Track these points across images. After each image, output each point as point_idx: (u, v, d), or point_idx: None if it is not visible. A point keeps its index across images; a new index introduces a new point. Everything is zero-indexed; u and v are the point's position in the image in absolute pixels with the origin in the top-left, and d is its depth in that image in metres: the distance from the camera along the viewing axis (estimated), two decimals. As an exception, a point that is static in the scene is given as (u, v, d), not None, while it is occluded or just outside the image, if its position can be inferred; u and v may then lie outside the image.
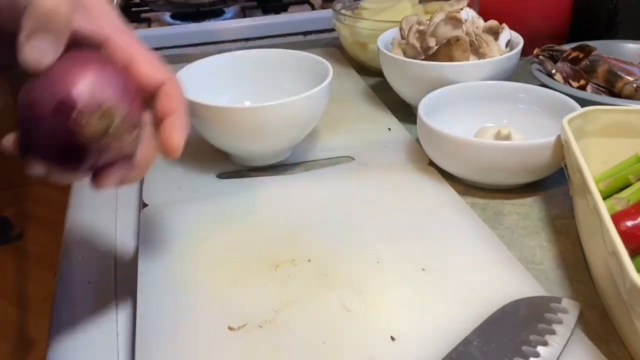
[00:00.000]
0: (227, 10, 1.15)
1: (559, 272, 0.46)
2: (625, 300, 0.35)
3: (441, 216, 0.52)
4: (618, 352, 0.39)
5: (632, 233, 0.41)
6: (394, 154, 0.62)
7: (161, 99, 0.39)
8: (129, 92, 0.36)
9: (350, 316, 0.41)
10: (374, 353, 0.38)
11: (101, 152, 0.35)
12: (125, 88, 0.35)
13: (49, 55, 0.33)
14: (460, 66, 0.64)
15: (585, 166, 0.43)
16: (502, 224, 0.52)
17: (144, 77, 0.38)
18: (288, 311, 0.42)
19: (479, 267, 0.45)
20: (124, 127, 0.35)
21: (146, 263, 0.48)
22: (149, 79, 0.38)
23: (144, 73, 0.38)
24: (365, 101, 0.75)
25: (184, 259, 0.48)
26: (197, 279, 0.46)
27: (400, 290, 0.43)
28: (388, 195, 0.55)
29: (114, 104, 0.34)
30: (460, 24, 0.67)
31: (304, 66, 0.65)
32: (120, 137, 0.35)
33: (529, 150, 0.52)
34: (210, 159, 0.63)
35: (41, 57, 0.33)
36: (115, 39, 0.37)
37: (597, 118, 0.52)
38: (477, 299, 0.42)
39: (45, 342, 0.46)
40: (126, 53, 0.37)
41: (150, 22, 1.11)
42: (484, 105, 0.63)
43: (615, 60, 0.67)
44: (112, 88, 0.34)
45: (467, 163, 0.54)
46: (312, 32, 1.06)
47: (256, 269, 0.46)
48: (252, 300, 0.43)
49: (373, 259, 0.47)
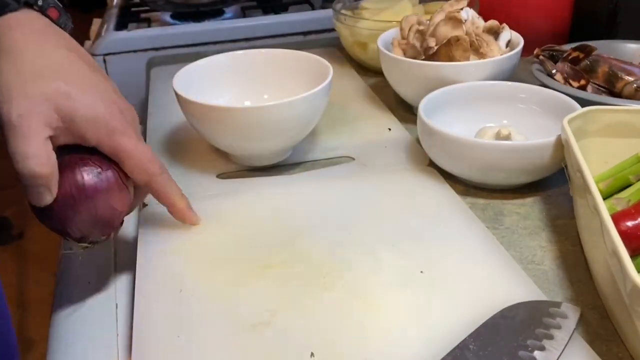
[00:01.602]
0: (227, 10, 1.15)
1: (559, 273, 0.46)
2: (626, 301, 0.35)
3: (441, 217, 0.52)
4: (618, 352, 0.39)
5: (633, 233, 0.41)
6: (394, 154, 0.62)
7: (154, 193, 0.48)
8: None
9: (348, 318, 0.41)
10: (371, 355, 0.38)
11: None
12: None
13: (46, 198, 0.42)
14: (461, 66, 0.64)
15: (585, 166, 0.43)
16: (502, 224, 0.52)
17: (134, 176, 0.45)
18: (286, 312, 0.42)
19: (477, 269, 0.45)
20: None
21: (145, 263, 0.48)
22: (137, 179, 0.46)
23: (134, 174, 0.45)
24: (365, 101, 0.75)
25: (183, 259, 0.48)
26: (196, 279, 0.46)
27: (398, 293, 0.43)
28: (388, 196, 0.55)
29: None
30: (461, 24, 0.67)
31: (304, 66, 0.65)
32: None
33: (529, 150, 0.52)
34: (210, 159, 0.63)
35: (41, 200, 0.42)
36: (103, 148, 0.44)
37: (597, 118, 0.52)
38: (475, 302, 0.42)
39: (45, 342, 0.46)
40: (116, 157, 0.44)
41: (150, 22, 1.11)
42: (484, 105, 0.63)
43: (615, 61, 0.67)
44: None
45: (467, 163, 0.54)
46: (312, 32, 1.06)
47: (255, 269, 0.46)
48: (251, 301, 0.43)
49: (372, 260, 0.47)
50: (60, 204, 0.42)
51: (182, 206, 0.49)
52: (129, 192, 0.46)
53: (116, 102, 0.45)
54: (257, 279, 0.45)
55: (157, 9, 1.14)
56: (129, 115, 0.46)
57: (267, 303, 0.43)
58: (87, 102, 0.42)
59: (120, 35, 1.03)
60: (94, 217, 0.43)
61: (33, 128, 0.40)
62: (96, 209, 0.43)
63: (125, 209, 0.46)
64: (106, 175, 0.44)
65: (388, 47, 0.72)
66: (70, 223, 0.43)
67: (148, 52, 0.99)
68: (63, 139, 0.42)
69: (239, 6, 1.16)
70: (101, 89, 0.44)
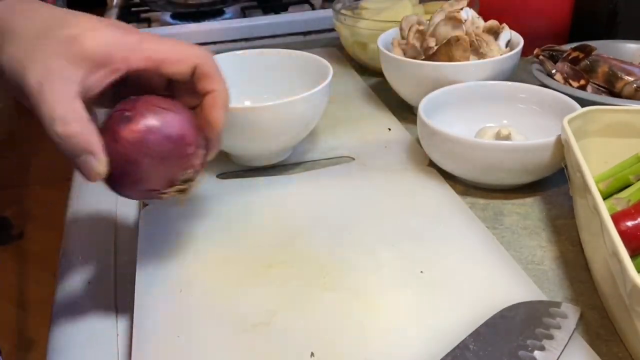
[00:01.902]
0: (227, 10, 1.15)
1: (559, 272, 0.46)
2: (626, 301, 0.35)
3: (441, 217, 0.52)
4: (618, 352, 0.39)
5: (633, 233, 0.41)
6: (394, 154, 0.62)
7: (197, 81, 0.43)
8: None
9: (348, 318, 0.41)
10: (371, 355, 0.38)
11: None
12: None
13: (94, 165, 0.39)
14: (460, 66, 0.64)
15: (585, 166, 0.43)
16: (502, 224, 0.52)
17: (174, 69, 0.42)
18: (286, 312, 0.42)
19: (477, 269, 0.45)
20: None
21: (145, 263, 0.48)
22: (179, 68, 0.42)
23: (172, 68, 0.42)
24: (365, 101, 0.75)
25: (183, 259, 0.48)
26: (196, 279, 0.46)
27: (398, 293, 0.43)
28: (388, 196, 0.55)
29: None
30: (460, 24, 0.67)
31: (304, 66, 0.65)
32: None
33: (529, 150, 0.52)
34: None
35: (91, 170, 0.39)
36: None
37: (597, 118, 0.52)
38: (475, 302, 0.42)
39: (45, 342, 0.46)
40: (154, 65, 0.42)
41: (150, 22, 1.11)
42: (484, 105, 0.63)
43: (615, 61, 0.67)
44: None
45: (467, 163, 0.54)
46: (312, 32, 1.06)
47: (255, 269, 0.46)
48: (251, 301, 0.43)
49: (371, 260, 0.47)
50: (120, 158, 0.40)
51: (227, 92, 0.45)
52: (186, 116, 0.42)
53: (121, 27, 0.42)
54: (257, 278, 0.45)
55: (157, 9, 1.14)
56: (134, 32, 0.43)
57: (267, 303, 0.43)
58: (95, 35, 0.40)
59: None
60: (163, 153, 0.41)
61: (56, 90, 0.38)
62: (161, 142, 0.40)
63: (194, 137, 0.42)
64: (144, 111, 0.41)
65: (388, 47, 0.72)
66: (142, 175, 0.41)
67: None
68: (99, 82, 0.40)
69: (239, 6, 1.16)
70: (102, 21, 0.42)
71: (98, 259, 0.52)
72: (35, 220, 2.19)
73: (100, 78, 0.40)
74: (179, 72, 0.42)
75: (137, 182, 0.41)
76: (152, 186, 0.42)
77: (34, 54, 0.39)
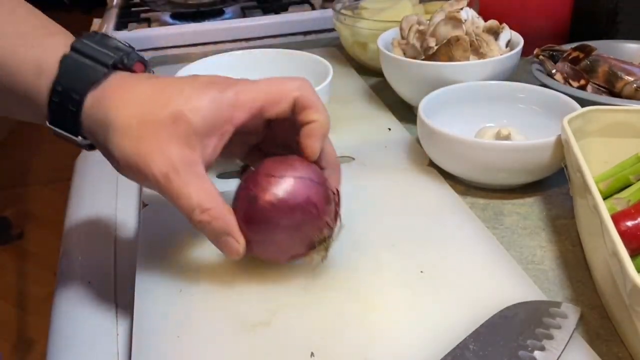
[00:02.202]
0: (227, 10, 1.15)
1: (559, 273, 0.46)
2: (626, 301, 0.35)
3: (441, 217, 0.52)
4: (618, 352, 0.39)
5: (633, 233, 0.41)
6: (394, 154, 0.62)
7: (297, 114, 0.43)
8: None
9: (348, 318, 0.41)
10: (371, 355, 0.38)
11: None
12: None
13: (233, 244, 0.41)
14: (460, 66, 0.64)
15: (585, 166, 0.43)
16: (502, 224, 0.52)
17: (275, 111, 0.42)
18: (285, 312, 0.42)
19: (477, 269, 0.45)
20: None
21: (145, 263, 0.48)
22: (280, 109, 0.42)
23: (273, 111, 0.42)
24: (365, 101, 0.75)
25: (183, 259, 0.48)
26: (196, 279, 0.46)
27: (398, 293, 0.43)
28: (388, 196, 0.55)
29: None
30: (460, 24, 0.67)
31: (304, 66, 0.65)
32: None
33: (529, 150, 0.52)
34: (210, 159, 0.63)
35: (231, 248, 0.41)
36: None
37: (597, 118, 0.52)
38: (475, 302, 0.42)
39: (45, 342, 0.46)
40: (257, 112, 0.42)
41: (150, 22, 1.11)
42: (484, 105, 0.63)
43: (615, 60, 0.67)
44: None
45: (467, 163, 0.54)
46: (312, 32, 1.06)
47: (254, 269, 0.46)
48: (251, 301, 0.43)
49: (371, 260, 0.47)
50: (255, 237, 0.42)
51: (327, 122, 0.44)
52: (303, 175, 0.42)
53: (214, 83, 0.42)
54: (257, 278, 0.45)
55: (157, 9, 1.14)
56: (230, 83, 0.43)
57: (267, 303, 0.43)
58: (196, 107, 0.40)
59: (120, 35, 1.03)
60: (294, 224, 0.41)
61: (184, 179, 0.39)
62: (291, 214, 0.41)
63: (320, 196, 0.42)
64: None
65: (388, 47, 0.72)
66: (280, 248, 0.43)
67: (148, 52, 0.99)
68: (215, 151, 0.41)
69: (239, 6, 1.16)
70: (194, 83, 0.42)
71: (98, 259, 0.52)
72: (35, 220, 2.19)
73: (214, 147, 0.41)
74: (280, 112, 0.42)
75: (277, 254, 0.43)
76: (292, 253, 0.43)
77: (146, 142, 0.39)
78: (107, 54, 0.42)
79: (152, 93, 0.41)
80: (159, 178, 0.39)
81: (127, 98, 0.41)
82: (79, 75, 0.41)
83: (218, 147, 0.41)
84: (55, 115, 0.41)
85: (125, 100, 0.41)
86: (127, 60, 0.43)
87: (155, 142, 0.39)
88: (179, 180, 0.39)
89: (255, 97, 0.42)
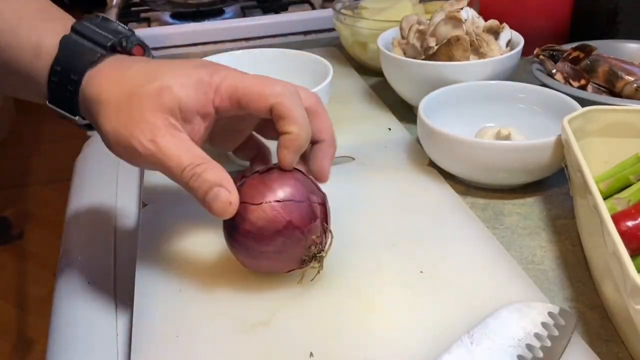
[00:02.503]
0: (227, 9, 1.15)
1: (559, 273, 0.46)
2: (626, 300, 0.35)
3: (441, 217, 0.52)
4: (618, 353, 0.39)
5: (633, 233, 0.41)
6: (394, 154, 0.62)
7: (275, 121, 0.42)
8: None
9: (347, 318, 0.41)
10: (371, 355, 0.38)
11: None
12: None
13: (230, 197, 0.40)
14: (461, 66, 0.64)
15: (585, 166, 0.43)
16: (503, 224, 0.52)
17: (253, 107, 0.42)
18: (285, 312, 0.42)
19: (477, 269, 0.45)
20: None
21: (145, 263, 0.47)
22: (257, 106, 0.42)
23: (251, 106, 0.42)
24: (365, 101, 0.75)
25: (183, 259, 0.48)
26: (196, 279, 0.46)
27: (398, 293, 0.43)
28: (388, 196, 0.55)
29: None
30: (461, 24, 0.67)
31: (304, 66, 0.65)
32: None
33: (529, 150, 0.52)
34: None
35: (225, 203, 0.40)
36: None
37: (597, 118, 0.52)
38: (475, 302, 0.42)
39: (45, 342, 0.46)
40: (236, 99, 0.42)
41: (150, 22, 1.11)
42: (484, 105, 0.63)
43: (615, 60, 0.67)
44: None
45: (468, 163, 0.54)
46: (312, 31, 1.06)
47: (256, 269, 0.46)
48: (250, 301, 0.43)
49: (371, 260, 0.47)
50: (245, 255, 0.42)
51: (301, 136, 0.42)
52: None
53: (203, 65, 0.43)
54: (257, 278, 0.45)
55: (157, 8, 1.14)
56: (219, 67, 0.43)
57: (267, 303, 0.43)
58: (183, 82, 0.41)
59: (120, 35, 1.02)
60: (278, 248, 0.41)
61: (171, 143, 0.39)
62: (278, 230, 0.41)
63: (303, 217, 0.41)
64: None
65: (388, 46, 0.72)
66: (270, 267, 0.43)
67: (148, 51, 0.99)
68: (199, 128, 0.42)
69: (239, 6, 1.16)
70: (184, 64, 0.43)
71: (98, 259, 0.52)
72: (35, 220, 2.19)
73: (198, 126, 0.41)
74: (257, 110, 0.42)
75: (269, 270, 0.43)
76: (285, 269, 0.43)
77: (132, 114, 0.40)
78: (106, 36, 0.43)
79: (145, 72, 0.42)
80: (147, 145, 0.39)
81: (119, 76, 0.41)
82: (78, 56, 0.42)
83: (201, 129, 0.42)
84: (55, 94, 0.42)
85: (118, 77, 0.41)
86: (127, 43, 0.44)
87: (139, 113, 0.40)
88: (166, 143, 0.39)
89: (237, 88, 0.42)
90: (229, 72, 0.42)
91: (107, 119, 0.40)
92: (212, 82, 0.41)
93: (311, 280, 0.44)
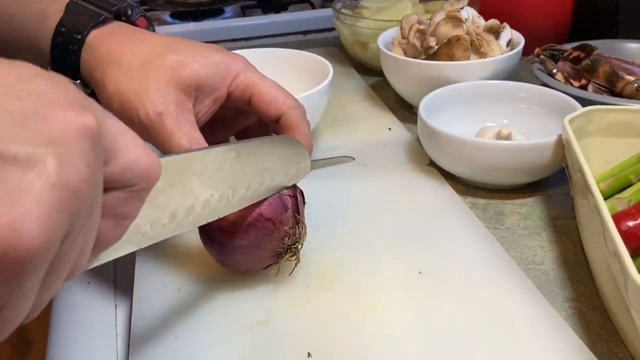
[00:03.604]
0: (226, 9, 1.15)
1: (559, 273, 0.46)
2: (626, 301, 0.35)
3: (440, 217, 0.51)
4: (618, 353, 0.39)
5: (633, 233, 0.41)
6: (394, 154, 0.62)
7: (281, 129, 0.43)
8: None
9: (346, 318, 0.41)
10: (369, 355, 0.38)
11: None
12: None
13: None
14: (461, 66, 0.64)
15: (586, 166, 0.43)
16: (503, 224, 0.52)
17: (262, 109, 0.43)
18: (283, 312, 0.42)
19: (476, 270, 0.45)
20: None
21: (145, 263, 0.47)
22: (267, 109, 0.43)
23: (261, 107, 0.43)
24: (365, 101, 0.75)
25: (183, 258, 0.48)
26: (194, 279, 0.45)
27: (397, 293, 0.43)
28: (388, 195, 0.55)
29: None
30: (461, 23, 0.67)
31: (304, 66, 0.65)
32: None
33: (530, 150, 0.52)
34: (210, 159, 0.63)
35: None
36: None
37: (598, 118, 0.52)
38: (474, 302, 0.42)
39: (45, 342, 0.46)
40: (248, 95, 0.42)
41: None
42: (485, 105, 0.63)
43: (616, 60, 0.67)
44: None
45: (468, 163, 0.54)
46: (312, 31, 1.06)
47: (255, 269, 0.46)
48: (248, 301, 0.43)
49: (371, 260, 0.47)
50: (221, 255, 0.43)
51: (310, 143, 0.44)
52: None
53: (224, 51, 0.43)
54: (255, 278, 0.45)
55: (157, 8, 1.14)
56: (242, 58, 0.44)
57: (265, 303, 0.43)
58: (201, 60, 0.41)
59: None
60: (252, 242, 0.41)
61: (177, 122, 0.39)
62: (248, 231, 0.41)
63: (273, 210, 0.41)
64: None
65: (388, 46, 0.72)
66: (246, 264, 0.43)
67: (148, 51, 0.99)
68: (206, 109, 0.42)
69: (239, 5, 1.16)
70: (205, 45, 0.43)
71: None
72: (35, 220, 2.19)
73: (207, 108, 0.42)
74: (265, 111, 0.42)
75: (246, 267, 0.43)
76: (261, 265, 0.43)
77: (146, 81, 0.40)
78: (112, 2, 0.44)
79: (165, 43, 0.42)
80: (152, 117, 0.39)
81: (135, 41, 0.42)
82: (83, 17, 0.42)
83: (209, 111, 0.42)
84: (57, 59, 0.42)
85: (133, 42, 0.41)
86: (132, 12, 0.45)
87: (154, 83, 0.39)
88: (172, 121, 0.39)
89: (255, 84, 0.42)
90: (248, 65, 0.43)
91: (115, 81, 0.40)
92: (231, 68, 0.42)
93: (289, 274, 0.44)
